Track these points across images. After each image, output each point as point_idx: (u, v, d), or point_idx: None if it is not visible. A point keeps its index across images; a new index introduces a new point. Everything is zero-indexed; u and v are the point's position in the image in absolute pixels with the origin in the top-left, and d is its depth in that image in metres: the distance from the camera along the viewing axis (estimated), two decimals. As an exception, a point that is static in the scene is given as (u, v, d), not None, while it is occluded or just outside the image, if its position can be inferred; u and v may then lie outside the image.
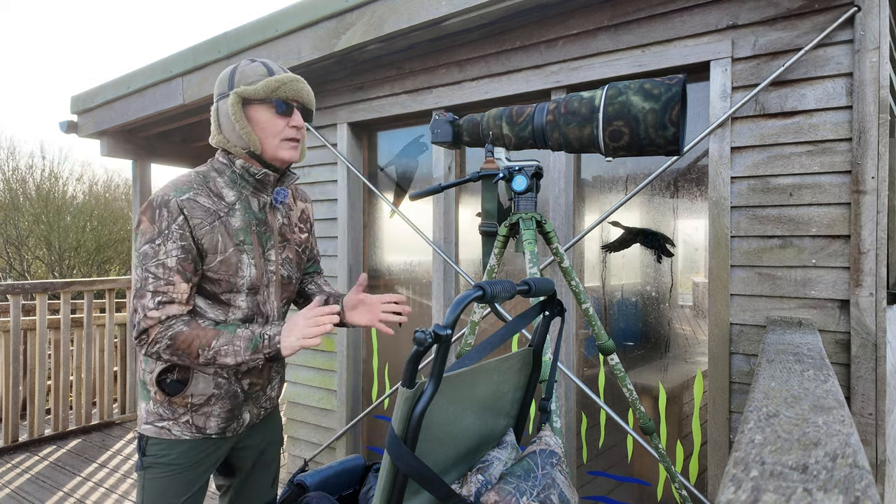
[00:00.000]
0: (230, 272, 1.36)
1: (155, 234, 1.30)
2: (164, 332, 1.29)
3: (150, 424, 1.41)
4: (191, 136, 4.72)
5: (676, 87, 1.52)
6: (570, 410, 2.37)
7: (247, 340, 1.31)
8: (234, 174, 1.41)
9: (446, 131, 1.95)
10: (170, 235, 1.30)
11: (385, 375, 3.00)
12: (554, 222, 2.33)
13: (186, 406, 1.40)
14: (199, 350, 1.29)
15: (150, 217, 1.31)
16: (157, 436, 1.41)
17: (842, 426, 0.80)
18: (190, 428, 1.41)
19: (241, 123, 1.35)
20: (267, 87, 1.35)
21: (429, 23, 2.31)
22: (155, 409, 1.41)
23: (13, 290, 3.76)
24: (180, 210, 1.31)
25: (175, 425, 1.41)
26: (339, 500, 1.42)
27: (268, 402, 1.56)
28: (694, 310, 2.20)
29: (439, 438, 1.01)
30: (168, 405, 1.40)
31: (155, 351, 1.30)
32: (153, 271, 1.29)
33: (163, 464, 1.41)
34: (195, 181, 1.38)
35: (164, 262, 1.29)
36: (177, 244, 1.30)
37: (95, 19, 76.64)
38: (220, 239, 1.35)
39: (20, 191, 9.41)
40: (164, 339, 1.28)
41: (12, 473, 3.37)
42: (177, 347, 1.29)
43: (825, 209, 1.82)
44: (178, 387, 1.40)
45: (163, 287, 1.29)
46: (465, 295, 0.90)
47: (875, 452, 1.73)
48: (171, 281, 1.30)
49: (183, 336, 1.29)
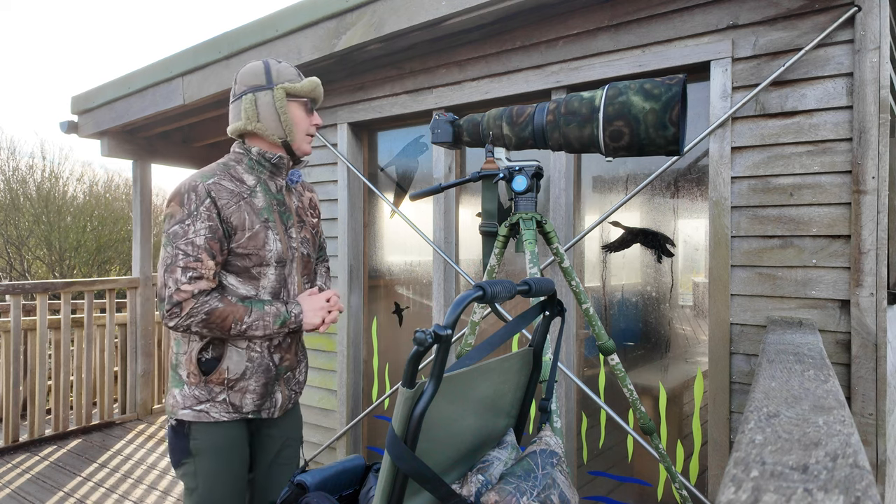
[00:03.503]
0: (258, 246, 1.48)
1: (185, 216, 1.40)
2: (200, 307, 1.38)
3: (189, 409, 1.47)
4: (191, 136, 4.72)
5: (677, 87, 1.52)
6: (571, 410, 2.37)
7: (275, 316, 1.47)
8: (252, 161, 1.55)
9: (446, 131, 1.95)
10: (198, 216, 1.40)
11: (385, 375, 3.00)
12: (554, 222, 2.32)
13: (223, 383, 1.47)
14: (233, 324, 1.41)
15: (179, 201, 1.42)
16: (197, 419, 1.47)
17: (842, 426, 0.80)
18: (227, 408, 1.48)
19: (286, 116, 1.52)
20: (308, 87, 1.55)
21: (429, 23, 2.31)
22: (191, 393, 1.47)
23: (14, 290, 3.76)
24: (207, 193, 1.42)
25: (213, 407, 1.47)
26: (340, 500, 1.42)
27: (297, 387, 1.66)
28: (694, 310, 2.20)
29: (439, 438, 1.01)
30: (205, 385, 1.47)
31: (187, 324, 1.38)
32: (183, 248, 1.39)
33: (210, 448, 1.47)
34: (218, 169, 1.50)
35: (193, 240, 1.39)
36: (205, 224, 1.40)
37: (95, 19, 76.63)
38: (247, 217, 1.47)
39: (20, 191, 9.41)
40: (200, 313, 1.38)
41: (13, 473, 3.37)
42: (211, 322, 1.39)
43: (825, 209, 1.81)
44: (214, 363, 1.47)
45: (192, 263, 1.39)
46: (465, 295, 0.90)
47: (875, 452, 1.73)
48: (200, 258, 1.39)
49: (218, 311, 1.39)
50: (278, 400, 1.57)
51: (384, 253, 3.03)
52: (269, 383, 1.54)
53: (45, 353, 3.90)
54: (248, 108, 1.51)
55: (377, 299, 3.06)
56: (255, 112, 1.52)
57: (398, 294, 2.98)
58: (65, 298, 4.00)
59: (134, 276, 4.50)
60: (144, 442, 3.93)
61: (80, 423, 4.11)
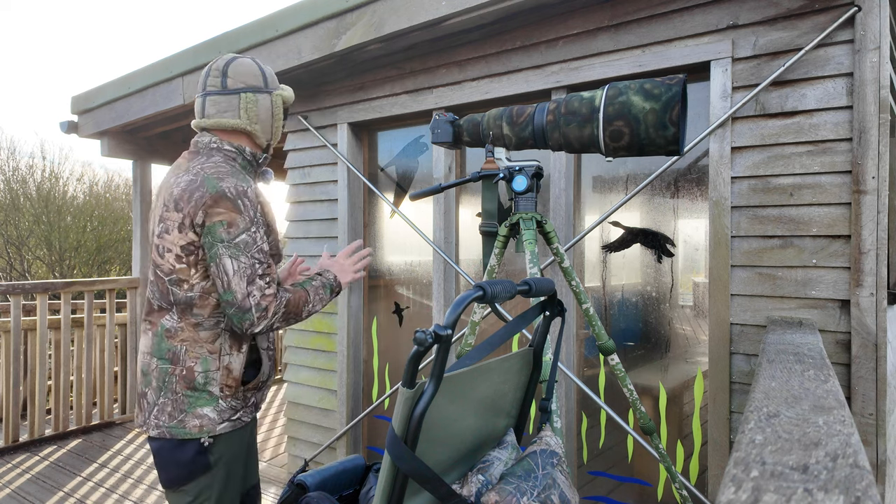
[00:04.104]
0: (276, 244, 1.55)
1: (248, 224, 1.42)
2: (280, 304, 1.45)
3: (227, 421, 1.48)
4: (191, 136, 4.71)
5: (677, 87, 1.51)
6: (571, 410, 2.37)
7: (323, 288, 1.58)
8: (245, 160, 1.55)
9: (446, 131, 1.95)
10: (258, 223, 1.45)
11: (385, 375, 3.00)
12: (554, 222, 2.32)
13: (257, 385, 1.56)
14: (303, 308, 1.51)
15: (231, 207, 1.40)
16: (232, 429, 1.50)
17: (842, 426, 0.80)
18: (252, 410, 1.57)
19: (278, 123, 1.59)
20: (292, 98, 1.63)
21: (429, 23, 2.30)
22: (228, 406, 1.49)
23: (14, 290, 3.77)
24: (257, 198, 1.47)
25: (245, 412, 1.54)
26: (340, 500, 1.42)
27: None
28: (694, 310, 2.20)
29: (440, 438, 1.01)
30: (241, 395, 1.52)
31: (272, 324, 1.44)
32: (258, 257, 1.43)
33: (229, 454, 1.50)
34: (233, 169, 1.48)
35: (262, 247, 1.44)
36: (263, 229, 1.47)
37: (95, 19, 76.63)
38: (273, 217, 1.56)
39: (20, 191, 9.40)
40: (281, 308, 1.45)
41: (13, 473, 3.37)
42: (289, 312, 1.47)
43: (826, 209, 1.81)
44: (253, 372, 1.55)
45: (268, 270, 1.45)
46: (465, 295, 0.90)
47: (875, 452, 1.73)
48: (269, 263, 1.47)
49: (291, 301, 1.48)
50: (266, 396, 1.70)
51: (384, 253, 3.03)
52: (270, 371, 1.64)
53: (45, 353, 3.90)
54: (250, 109, 1.52)
55: (377, 299, 3.06)
56: (255, 114, 1.53)
57: (398, 294, 2.98)
58: (65, 298, 4.00)
59: (134, 276, 4.50)
60: (145, 442, 3.93)
61: (80, 423, 4.11)
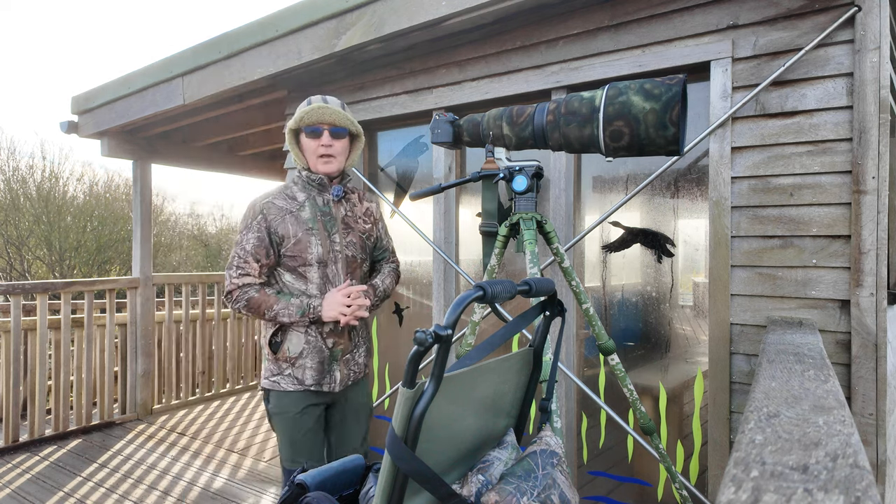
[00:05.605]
0: (302, 250, 1.85)
1: (244, 227, 1.86)
2: (242, 295, 1.83)
3: (267, 379, 1.90)
4: (191, 136, 4.71)
5: (677, 87, 1.51)
6: (571, 410, 2.37)
7: (297, 307, 1.83)
8: (302, 181, 1.93)
9: (446, 131, 1.95)
10: (251, 228, 1.85)
11: (385, 375, 3.00)
12: (554, 222, 2.32)
13: (288, 361, 1.87)
14: (265, 310, 1.83)
15: (244, 216, 1.89)
16: (271, 388, 1.89)
17: (842, 426, 0.80)
18: (293, 381, 1.87)
19: (295, 150, 1.92)
20: (297, 119, 1.85)
21: (429, 23, 2.30)
22: (269, 367, 1.90)
23: (14, 290, 3.76)
24: (260, 210, 1.86)
25: (282, 379, 1.88)
26: (340, 500, 1.42)
27: (356, 367, 2.00)
28: (694, 310, 2.20)
29: (440, 438, 1.01)
30: (275, 362, 1.88)
31: (237, 307, 1.84)
32: (238, 252, 1.85)
33: (281, 412, 1.87)
34: (275, 191, 1.92)
35: (244, 246, 1.84)
36: (254, 234, 1.84)
37: (95, 19, 76.65)
38: (291, 227, 1.85)
39: (21, 191, 9.41)
40: (243, 299, 1.83)
41: (13, 473, 3.37)
42: (250, 307, 1.83)
43: (826, 209, 1.81)
44: (278, 344, 1.88)
45: (241, 263, 1.84)
46: (465, 295, 0.90)
47: (876, 453, 1.73)
48: (247, 260, 1.84)
49: (254, 300, 1.83)
50: (337, 377, 1.92)
51: (384, 253, 3.03)
52: (325, 362, 1.89)
53: (45, 353, 3.90)
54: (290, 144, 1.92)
55: (377, 299, 3.06)
56: None
57: (398, 294, 2.98)
58: (65, 298, 4.00)
59: (134, 276, 4.50)
60: (144, 442, 3.93)
61: (80, 423, 4.11)
